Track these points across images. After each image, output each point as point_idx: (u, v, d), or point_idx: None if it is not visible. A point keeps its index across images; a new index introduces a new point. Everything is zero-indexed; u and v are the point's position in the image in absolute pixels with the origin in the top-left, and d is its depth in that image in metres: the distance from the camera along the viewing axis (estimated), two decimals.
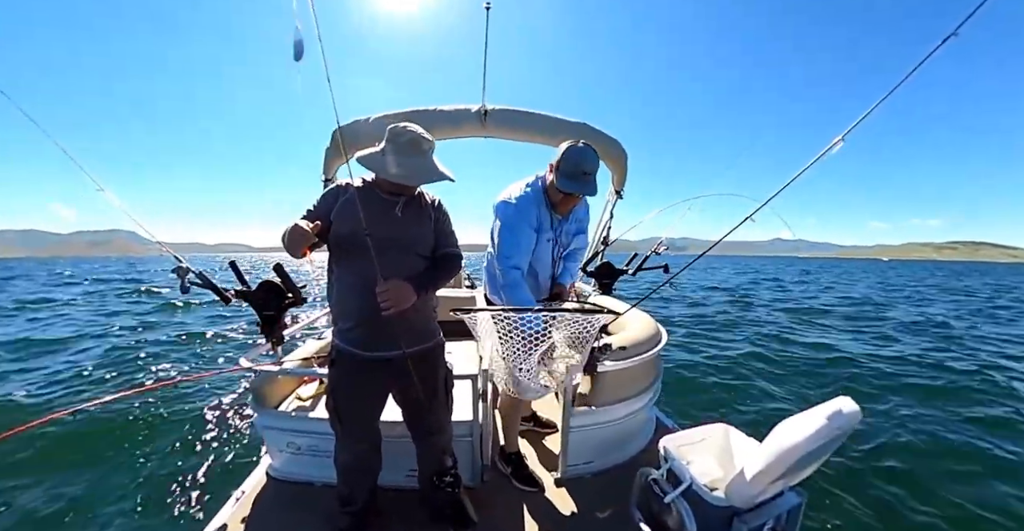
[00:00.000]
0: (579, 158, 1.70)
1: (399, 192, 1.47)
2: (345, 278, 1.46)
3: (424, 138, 1.39)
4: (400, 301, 1.32)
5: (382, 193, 1.47)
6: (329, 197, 1.45)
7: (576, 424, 2.03)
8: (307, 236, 1.27)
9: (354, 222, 1.31)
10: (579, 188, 1.71)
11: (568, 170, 1.71)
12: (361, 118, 2.54)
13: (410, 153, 1.37)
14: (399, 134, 1.37)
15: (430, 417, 1.63)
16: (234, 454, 3.23)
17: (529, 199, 1.81)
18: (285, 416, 2.03)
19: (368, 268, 1.31)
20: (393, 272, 1.36)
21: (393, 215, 1.45)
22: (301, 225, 1.27)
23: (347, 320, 1.47)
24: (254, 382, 2.08)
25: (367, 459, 1.66)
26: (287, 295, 2.08)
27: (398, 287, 1.33)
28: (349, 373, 1.52)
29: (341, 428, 1.57)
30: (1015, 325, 10.26)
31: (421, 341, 1.56)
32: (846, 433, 1.16)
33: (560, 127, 2.74)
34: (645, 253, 3.43)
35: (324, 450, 1.92)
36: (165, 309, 10.93)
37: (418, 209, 1.52)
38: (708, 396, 4.73)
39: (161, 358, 5.95)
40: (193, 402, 4.16)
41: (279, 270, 2.04)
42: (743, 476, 1.34)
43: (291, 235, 1.28)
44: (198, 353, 6.34)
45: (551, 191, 1.81)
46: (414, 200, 1.52)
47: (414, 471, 1.82)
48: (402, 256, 1.45)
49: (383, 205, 1.45)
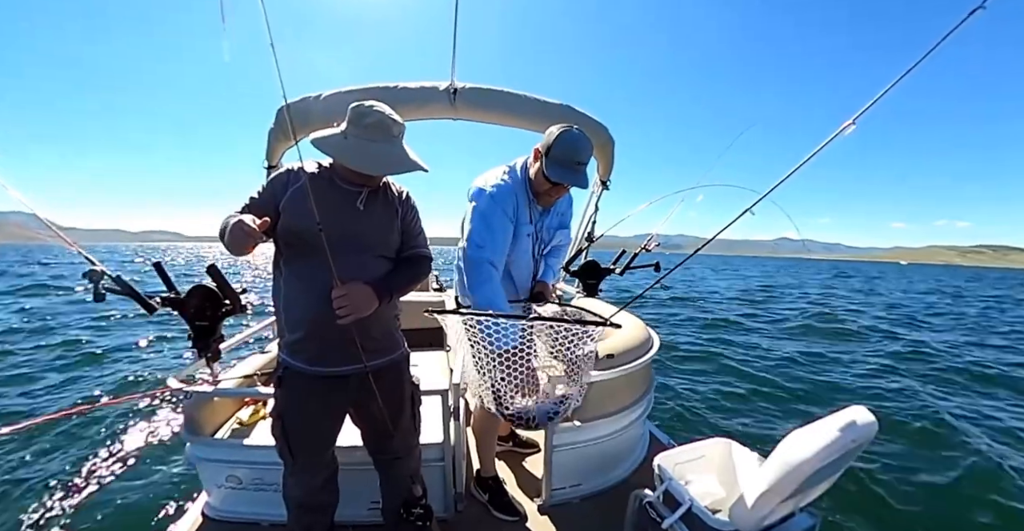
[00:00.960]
0: (574, 145, 1.67)
1: (362, 183, 1.41)
2: (295, 281, 1.39)
3: (394, 121, 1.34)
4: (359, 307, 1.28)
5: (341, 182, 1.41)
6: (276, 184, 1.37)
7: (560, 442, 2.01)
8: (253, 235, 1.17)
9: (306, 215, 1.24)
10: (571, 179, 1.69)
11: (561, 157, 1.67)
12: (311, 95, 2.45)
13: (377, 138, 1.31)
14: (364, 114, 1.30)
15: (395, 440, 1.59)
16: (162, 492, 3.06)
17: (509, 188, 1.78)
18: (223, 445, 1.96)
19: (322, 269, 1.24)
20: (351, 274, 1.31)
21: (354, 209, 1.39)
22: (247, 222, 1.17)
23: (296, 330, 1.41)
24: (186, 406, 1.98)
25: (322, 491, 1.60)
26: (224, 302, 1.98)
27: (357, 291, 1.28)
28: (299, 392, 1.46)
29: (291, 457, 1.51)
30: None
31: (382, 353, 1.52)
32: (861, 446, 1.17)
33: (540, 109, 2.72)
34: (634, 250, 3.44)
35: (271, 483, 1.86)
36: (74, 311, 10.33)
37: (383, 202, 1.47)
38: (707, 407, 4.81)
39: (70, 376, 5.62)
40: (111, 432, 3.92)
41: (214, 273, 1.94)
42: (748, 496, 1.34)
43: (233, 233, 1.18)
44: (116, 370, 6.02)
45: (535, 180, 1.78)
46: (378, 192, 1.46)
47: (377, 503, 1.77)
48: (362, 256, 1.39)
49: (342, 196, 1.39)
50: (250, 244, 1.20)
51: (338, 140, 1.32)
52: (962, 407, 4.98)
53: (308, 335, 1.39)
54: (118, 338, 7.79)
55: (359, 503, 1.90)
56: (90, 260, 1.92)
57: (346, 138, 1.31)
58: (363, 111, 1.31)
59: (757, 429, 4.29)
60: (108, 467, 3.41)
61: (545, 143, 1.71)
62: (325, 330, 1.34)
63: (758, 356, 7.15)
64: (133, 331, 8.33)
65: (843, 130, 1.21)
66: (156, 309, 1.96)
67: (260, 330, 2.78)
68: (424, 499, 1.69)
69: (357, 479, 1.77)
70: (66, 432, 3.88)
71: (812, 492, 1.34)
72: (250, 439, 1.97)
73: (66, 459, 3.49)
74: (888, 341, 9.01)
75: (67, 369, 5.97)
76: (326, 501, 1.63)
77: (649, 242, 3.42)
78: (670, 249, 3.56)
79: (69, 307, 11.18)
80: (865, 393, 5.45)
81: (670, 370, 6.14)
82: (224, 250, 1.30)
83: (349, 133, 1.32)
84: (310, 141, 1.33)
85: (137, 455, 3.57)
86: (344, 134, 1.32)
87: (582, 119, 2.85)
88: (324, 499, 1.62)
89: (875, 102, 1.21)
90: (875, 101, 1.21)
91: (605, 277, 3.50)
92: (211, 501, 2.02)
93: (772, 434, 4.11)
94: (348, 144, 1.31)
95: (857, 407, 1.21)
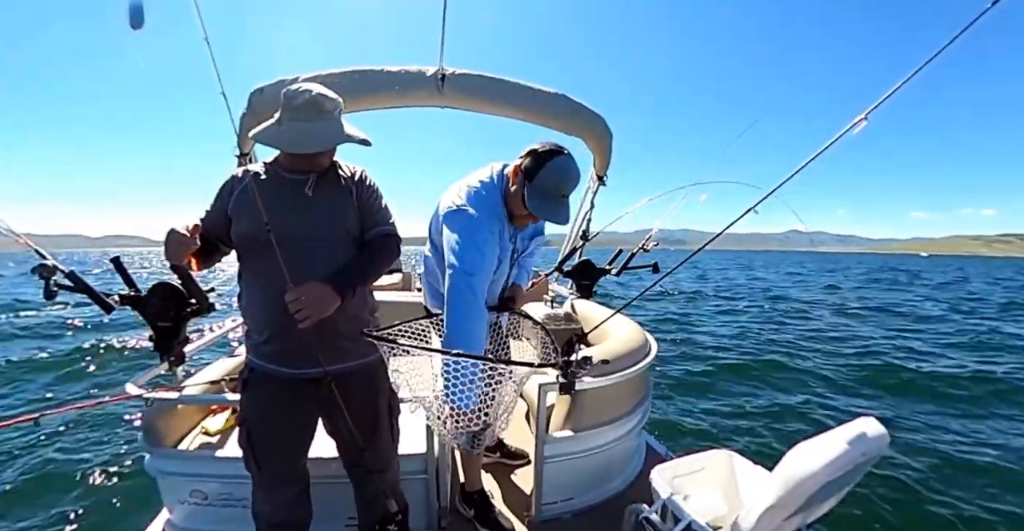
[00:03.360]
0: (562, 175, 1.55)
1: (307, 169, 1.41)
2: (254, 283, 1.42)
3: (326, 97, 1.33)
4: (317, 309, 1.26)
5: (286, 173, 1.42)
6: (224, 192, 1.43)
7: (552, 454, 2.01)
8: (185, 242, 1.24)
9: (254, 216, 1.29)
10: (552, 214, 1.59)
11: (545, 187, 1.55)
12: (287, 78, 2.41)
13: (311, 117, 1.31)
14: (293, 97, 1.31)
15: (370, 451, 1.56)
16: (118, 509, 3.02)
17: (490, 208, 1.66)
18: (187, 457, 1.92)
19: (276, 270, 1.26)
20: (315, 268, 1.33)
21: (302, 198, 1.40)
22: (177, 230, 1.24)
23: (261, 332, 1.41)
24: (146, 414, 1.94)
25: (293, 507, 1.58)
26: (189, 301, 1.96)
27: (311, 291, 1.27)
28: (266, 397, 1.45)
29: (259, 469, 1.48)
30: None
31: (356, 355, 1.50)
32: (871, 460, 1.18)
33: (533, 98, 2.71)
34: (631, 249, 3.44)
35: (240, 498, 1.83)
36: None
37: (333, 185, 1.46)
38: (707, 416, 4.84)
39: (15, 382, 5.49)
40: (63, 443, 3.84)
41: (179, 270, 1.91)
42: (752, 512, 1.34)
43: (167, 241, 1.25)
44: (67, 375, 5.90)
45: (514, 201, 1.65)
46: (328, 175, 1.46)
47: (353, 519, 1.75)
48: (320, 248, 1.40)
49: (290, 188, 1.41)
50: (185, 252, 1.26)
51: (274, 129, 1.34)
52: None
53: (274, 338, 1.40)
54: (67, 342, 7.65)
55: (335, 519, 1.88)
56: (40, 254, 1.88)
57: (281, 125, 1.33)
58: (291, 94, 1.32)
59: (761, 440, 4.32)
60: (56, 482, 3.33)
61: (529, 165, 1.57)
62: (290, 333, 1.33)
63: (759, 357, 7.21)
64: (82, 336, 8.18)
65: (854, 126, 1.21)
66: (114, 308, 1.92)
67: (228, 332, 2.74)
68: (399, 516, 1.66)
69: (332, 494, 1.74)
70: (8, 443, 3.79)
71: (820, 508, 1.35)
72: (217, 450, 1.93)
73: (8, 475, 3.40)
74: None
75: (11, 374, 5.84)
76: (298, 517, 1.60)
77: (647, 241, 3.42)
78: (673, 244, 3.57)
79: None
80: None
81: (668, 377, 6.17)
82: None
83: (283, 119, 1.33)
84: (250, 136, 1.36)
85: (89, 469, 3.49)
86: (279, 121, 1.34)
87: (577, 109, 2.85)
88: (296, 515, 1.59)
89: (888, 97, 1.21)
90: (887, 96, 1.21)
91: (600, 278, 3.50)
92: (173, 518, 1.98)
93: (777, 446, 4.14)
94: (283, 130, 1.33)
95: (867, 418, 1.22)
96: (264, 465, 1.48)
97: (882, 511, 3.16)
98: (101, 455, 3.68)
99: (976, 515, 3.18)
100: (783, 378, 6.34)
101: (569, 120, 2.88)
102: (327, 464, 1.69)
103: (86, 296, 1.89)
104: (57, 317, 10.20)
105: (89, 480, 3.34)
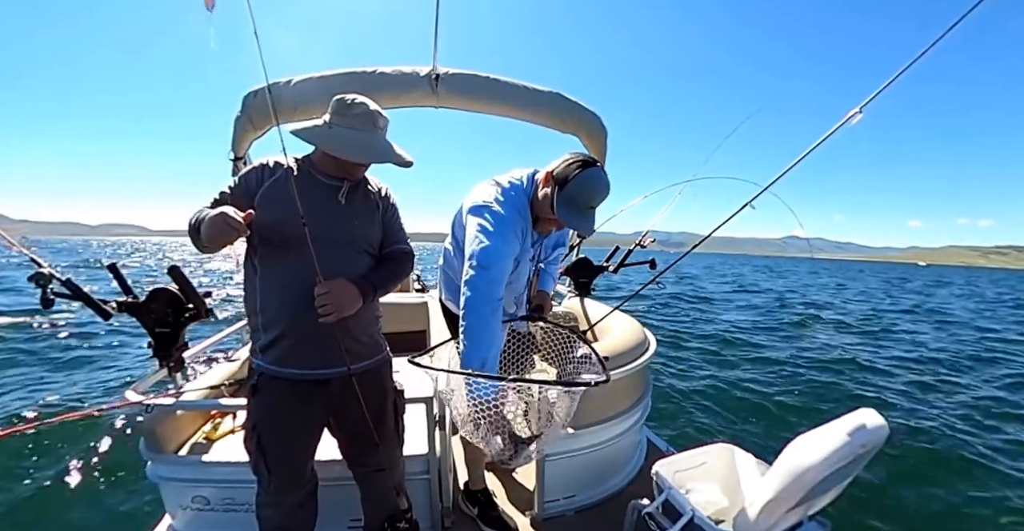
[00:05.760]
0: (594, 187, 1.56)
1: (343, 176, 1.43)
2: (271, 279, 1.40)
3: (380, 114, 1.38)
4: (343, 305, 1.30)
5: (319, 176, 1.43)
6: (251, 178, 1.39)
7: (553, 452, 2.01)
8: (239, 229, 1.19)
9: (286, 209, 1.27)
10: (579, 224, 1.60)
11: (576, 196, 1.57)
12: (280, 80, 2.41)
13: (363, 128, 1.34)
14: (350, 106, 1.34)
15: (377, 451, 1.57)
16: (120, 516, 2.99)
17: (517, 208, 1.69)
18: (188, 462, 1.91)
19: (302, 266, 1.28)
20: (334, 271, 1.33)
21: (335, 203, 1.42)
22: (230, 214, 1.18)
23: (273, 331, 1.40)
24: (146, 420, 1.93)
25: (301, 511, 1.58)
26: (187, 307, 1.95)
27: (341, 288, 1.30)
28: (276, 401, 1.44)
29: (268, 473, 1.48)
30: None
31: (364, 357, 1.51)
32: (871, 451, 1.19)
33: (529, 97, 2.71)
34: (628, 247, 3.45)
35: (242, 503, 1.83)
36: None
37: (364, 197, 1.50)
38: (707, 411, 4.86)
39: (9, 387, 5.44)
40: (60, 452, 3.79)
41: (175, 274, 1.91)
42: (753, 505, 1.36)
43: (214, 226, 1.19)
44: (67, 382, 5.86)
45: (542, 205, 1.67)
46: (359, 186, 1.49)
47: (357, 521, 1.76)
48: (344, 253, 1.42)
49: (322, 191, 1.42)
50: (232, 237, 1.21)
51: (322, 129, 1.35)
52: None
53: (286, 336, 1.39)
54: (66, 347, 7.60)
55: (339, 521, 1.88)
56: (36, 262, 1.86)
57: (331, 128, 1.34)
58: (349, 103, 1.34)
59: (761, 434, 4.34)
60: (57, 491, 3.30)
61: (561, 172, 1.58)
62: (304, 330, 1.36)
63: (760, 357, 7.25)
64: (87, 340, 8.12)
65: (849, 119, 1.22)
66: (112, 315, 1.91)
67: (227, 336, 2.73)
68: (410, 512, 1.69)
69: (336, 495, 1.74)
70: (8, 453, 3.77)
71: (821, 500, 1.36)
72: (218, 455, 1.93)
73: (8, 484, 3.37)
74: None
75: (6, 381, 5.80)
76: (304, 521, 1.61)
77: (644, 238, 3.43)
78: (673, 247, 3.58)
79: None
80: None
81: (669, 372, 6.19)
82: (193, 247, 1.32)
83: (334, 123, 1.34)
84: (291, 132, 1.33)
85: (91, 476, 3.46)
86: (328, 124, 1.35)
87: (573, 107, 2.85)
88: (302, 519, 1.60)
89: (883, 89, 1.22)
90: (883, 89, 1.22)
91: (598, 275, 3.51)
92: (175, 524, 1.98)
93: (777, 439, 4.16)
94: (333, 133, 1.33)
95: (866, 410, 1.23)
96: (275, 470, 1.48)
97: (887, 499, 3.19)
98: (102, 462, 3.66)
99: (975, 511, 3.21)
100: (784, 372, 6.37)
101: (564, 118, 2.88)
102: (329, 466, 1.69)
103: (83, 304, 1.88)
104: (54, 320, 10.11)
105: (90, 487, 3.31)
